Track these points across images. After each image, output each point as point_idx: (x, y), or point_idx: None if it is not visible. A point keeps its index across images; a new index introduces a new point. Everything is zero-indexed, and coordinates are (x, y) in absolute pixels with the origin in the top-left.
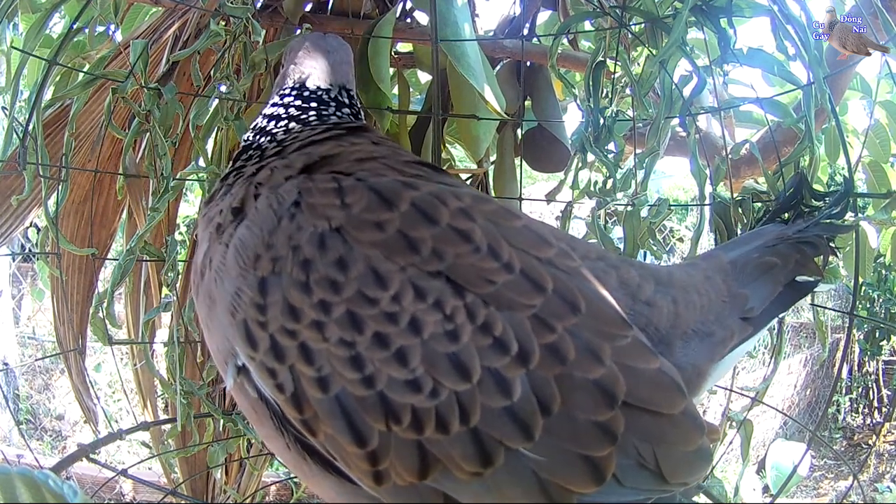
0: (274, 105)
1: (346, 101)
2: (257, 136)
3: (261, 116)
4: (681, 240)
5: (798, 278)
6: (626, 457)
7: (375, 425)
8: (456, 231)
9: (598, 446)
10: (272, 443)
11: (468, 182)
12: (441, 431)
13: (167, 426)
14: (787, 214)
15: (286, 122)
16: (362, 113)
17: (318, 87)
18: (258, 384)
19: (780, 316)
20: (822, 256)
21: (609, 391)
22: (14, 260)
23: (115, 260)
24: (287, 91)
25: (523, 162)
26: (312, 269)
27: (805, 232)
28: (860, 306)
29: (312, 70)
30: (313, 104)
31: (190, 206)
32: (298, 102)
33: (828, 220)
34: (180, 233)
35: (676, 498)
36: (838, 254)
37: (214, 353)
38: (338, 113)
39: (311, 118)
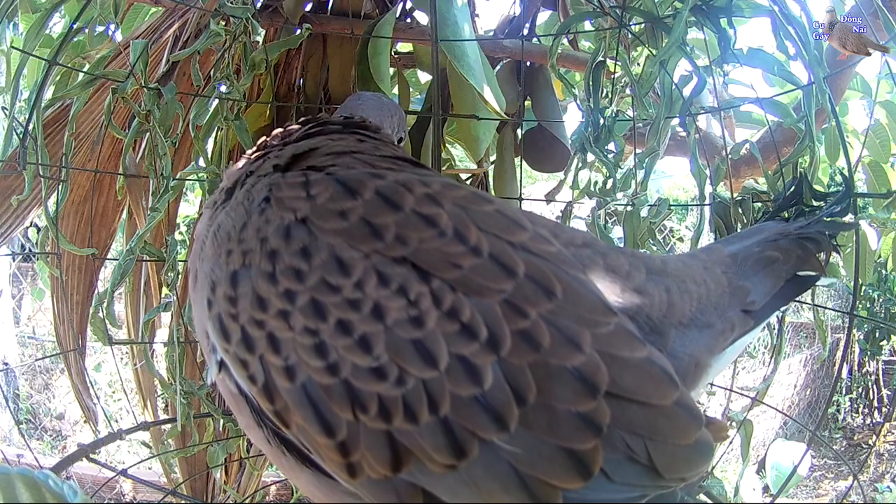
0: None
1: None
2: None
3: None
4: (681, 240)
5: (800, 273)
6: (614, 451)
7: (343, 414)
8: (420, 216)
9: (582, 439)
10: (253, 436)
11: (468, 182)
12: (410, 421)
13: (167, 426)
14: (787, 213)
15: None
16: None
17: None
18: (234, 377)
19: (781, 313)
20: (824, 253)
21: (590, 380)
22: (14, 260)
23: (115, 260)
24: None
25: (523, 162)
26: (278, 260)
27: (807, 228)
28: (860, 306)
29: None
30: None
31: (190, 206)
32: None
33: (829, 218)
34: (180, 233)
35: (677, 495)
36: (840, 251)
37: (198, 335)
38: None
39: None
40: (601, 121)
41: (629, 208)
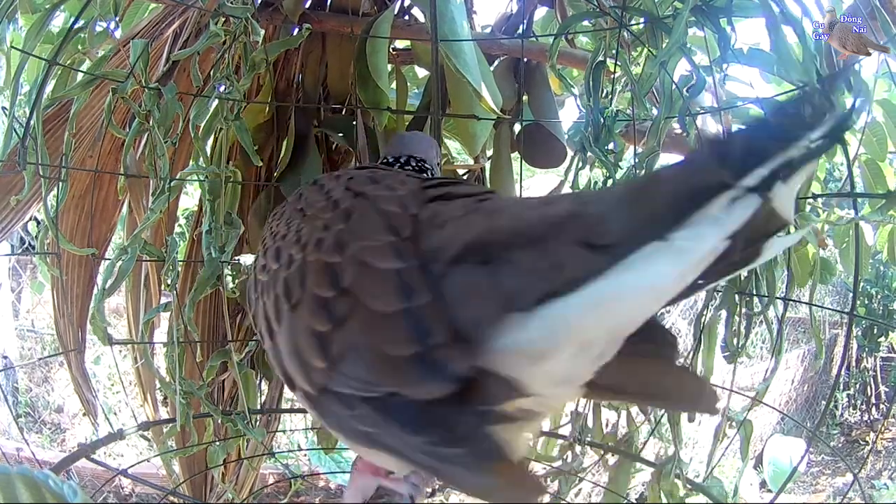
0: None
1: (412, 163)
2: None
3: None
4: None
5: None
6: (347, 342)
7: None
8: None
9: (319, 320)
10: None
11: (465, 177)
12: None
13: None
14: None
15: None
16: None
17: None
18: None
19: (782, 311)
20: None
21: (336, 275)
22: (14, 254)
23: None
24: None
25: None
26: (286, 213)
27: None
28: (858, 303)
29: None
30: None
31: (190, 199)
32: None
33: None
34: (180, 226)
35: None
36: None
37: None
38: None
39: None
40: (601, 120)
41: None
